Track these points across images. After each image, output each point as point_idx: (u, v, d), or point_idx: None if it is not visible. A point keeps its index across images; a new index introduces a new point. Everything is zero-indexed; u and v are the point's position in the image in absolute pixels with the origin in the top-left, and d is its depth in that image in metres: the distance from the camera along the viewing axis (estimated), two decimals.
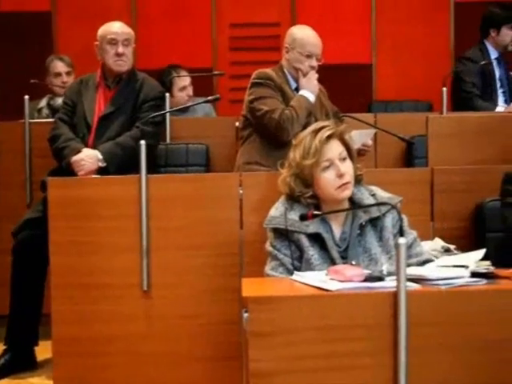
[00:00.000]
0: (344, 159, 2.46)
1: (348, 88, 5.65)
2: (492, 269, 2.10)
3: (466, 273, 2.03)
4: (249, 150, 3.55)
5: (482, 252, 2.17)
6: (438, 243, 2.73)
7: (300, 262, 2.41)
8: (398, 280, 1.80)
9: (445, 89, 4.12)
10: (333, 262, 2.36)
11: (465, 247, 2.67)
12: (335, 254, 2.39)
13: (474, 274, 2.04)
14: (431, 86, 4.86)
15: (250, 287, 2.01)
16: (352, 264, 2.37)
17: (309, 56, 3.59)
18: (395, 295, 1.81)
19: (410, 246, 2.45)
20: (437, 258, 2.52)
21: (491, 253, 2.71)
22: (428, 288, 1.93)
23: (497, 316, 1.88)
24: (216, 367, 2.82)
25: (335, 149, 2.46)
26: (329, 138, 2.45)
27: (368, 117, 4.12)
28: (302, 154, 2.46)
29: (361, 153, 3.68)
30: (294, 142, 2.54)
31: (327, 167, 2.43)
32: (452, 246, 2.74)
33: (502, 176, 2.46)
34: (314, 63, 3.59)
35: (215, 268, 2.85)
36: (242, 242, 2.85)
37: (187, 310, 2.85)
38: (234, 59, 5.78)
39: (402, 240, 1.80)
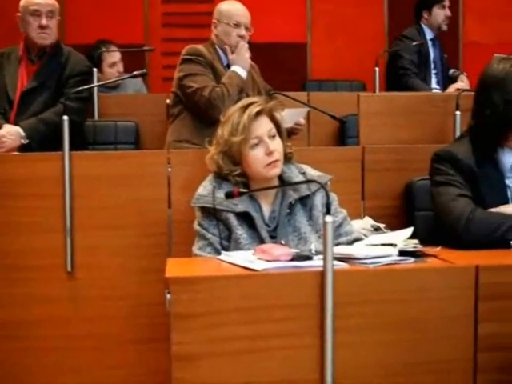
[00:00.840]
0: (273, 136, 2.40)
1: (283, 67, 5.61)
2: (420, 247, 2.09)
3: (393, 251, 2.01)
4: (179, 127, 3.46)
5: (409, 230, 2.16)
6: (368, 222, 2.72)
7: (228, 242, 2.35)
8: (324, 259, 1.76)
9: (377, 68, 4.11)
10: (262, 242, 2.31)
11: (395, 226, 2.66)
12: (264, 233, 2.35)
13: (401, 253, 2.02)
14: (365, 65, 4.84)
15: (175, 268, 1.94)
16: (281, 243, 2.33)
17: (236, 25, 3.52)
18: (322, 274, 1.77)
19: (339, 225, 2.43)
20: (366, 236, 2.51)
21: (420, 231, 2.74)
22: (356, 267, 1.89)
23: (423, 294, 1.86)
24: (143, 349, 2.75)
25: (264, 126, 2.40)
26: (258, 114, 2.39)
27: (301, 95, 4.08)
28: (230, 130, 2.39)
29: (294, 131, 3.65)
30: (222, 118, 2.47)
31: (256, 144, 2.37)
32: (382, 225, 2.73)
33: (432, 155, 2.44)
34: (243, 32, 3.53)
35: (143, 248, 2.77)
36: (170, 221, 2.78)
37: (114, 292, 2.77)
38: (167, 36, 5.65)
39: (328, 218, 1.76)
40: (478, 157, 2.37)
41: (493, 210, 2.28)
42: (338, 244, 2.40)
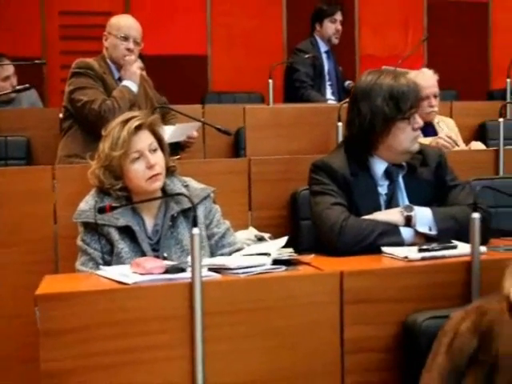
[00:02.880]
0: (154, 150, 2.43)
1: (183, 79, 5.64)
2: (294, 255, 2.15)
3: (267, 260, 2.06)
4: (69, 142, 3.43)
5: (284, 239, 2.22)
6: (252, 232, 2.78)
7: (111, 256, 2.35)
8: (192, 271, 1.80)
9: (271, 81, 4.20)
10: (143, 255, 2.33)
11: (282, 235, 2.70)
12: (146, 246, 2.36)
13: (276, 261, 2.08)
14: (264, 78, 4.93)
15: (48, 284, 1.94)
16: (164, 256, 2.36)
17: (125, 38, 3.52)
18: (190, 286, 1.80)
19: (222, 236, 2.48)
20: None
21: (305, 239, 2.83)
22: (227, 277, 1.94)
23: (291, 301, 1.92)
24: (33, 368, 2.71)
25: (145, 140, 2.42)
26: (138, 128, 2.41)
27: (197, 108, 4.12)
28: (110, 145, 2.40)
29: (187, 145, 3.69)
30: (103, 132, 2.48)
31: (137, 158, 2.39)
32: (266, 235, 2.80)
33: (310, 166, 2.53)
34: (131, 46, 3.52)
35: (28, 265, 2.72)
36: (56, 237, 2.75)
37: (4, 311, 2.72)
38: (65, 48, 5.58)
39: (195, 231, 1.80)
40: (352, 166, 2.46)
41: (366, 217, 2.37)
42: (221, 255, 2.47)
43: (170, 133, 3.29)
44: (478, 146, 3.81)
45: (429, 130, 3.98)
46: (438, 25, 6.53)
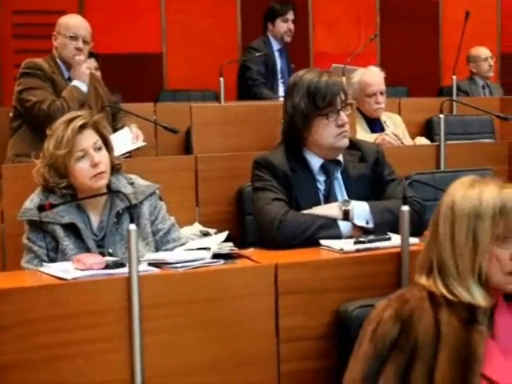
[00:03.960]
0: (99, 149, 2.47)
1: (139, 77, 5.67)
2: (235, 249, 2.22)
3: (207, 255, 2.12)
4: (18, 142, 3.46)
5: (224, 234, 2.29)
6: (197, 228, 2.84)
7: (56, 253, 2.39)
8: (129, 265, 1.85)
9: (222, 79, 4.27)
10: (88, 251, 2.37)
11: (229, 230, 2.78)
12: (91, 243, 2.41)
13: (216, 255, 2.14)
14: (218, 75, 5.00)
15: None
16: (109, 252, 2.41)
17: (73, 38, 3.54)
18: (128, 280, 1.86)
19: (167, 232, 2.54)
20: None
21: (250, 234, 2.90)
22: (165, 271, 2.00)
23: (228, 293, 1.99)
24: None
25: (89, 138, 2.46)
26: (82, 127, 2.45)
27: (148, 106, 4.17)
28: (55, 144, 2.44)
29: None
30: (48, 132, 2.52)
31: (81, 157, 2.43)
32: (212, 230, 2.87)
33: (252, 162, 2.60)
34: (80, 45, 3.55)
35: None
36: (3, 235, 2.78)
37: None
38: (18, 47, 5.56)
39: (132, 227, 1.86)
40: (292, 162, 2.54)
41: (305, 211, 2.45)
42: (166, 250, 2.52)
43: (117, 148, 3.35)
44: (422, 141, 3.93)
45: (376, 126, 4.09)
46: (390, 23, 6.66)
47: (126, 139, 3.49)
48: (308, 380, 2.06)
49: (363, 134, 3.84)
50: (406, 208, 2.12)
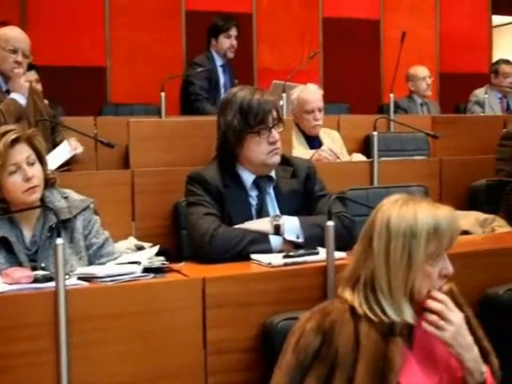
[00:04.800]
0: (32, 164, 2.48)
1: (82, 91, 5.66)
2: (166, 263, 2.25)
3: (137, 268, 2.15)
4: None
5: (155, 248, 2.32)
6: (132, 242, 2.86)
7: None
8: (56, 279, 1.87)
9: (163, 94, 4.30)
10: (20, 266, 2.37)
11: (165, 244, 2.82)
12: (23, 257, 2.41)
13: (146, 270, 2.17)
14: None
15: None
16: (42, 267, 2.41)
17: (13, 51, 3.54)
18: (55, 294, 1.88)
19: (101, 246, 2.55)
20: None
21: (186, 248, 2.93)
22: (94, 285, 2.02)
23: (156, 306, 2.02)
24: None
25: (22, 153, 2.46)
26: (15, 141, 2.45)
27: (89, 120, 4.17)
28: None
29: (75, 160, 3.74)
30: None
31: (14, 171, 2.43)
32: (147, 244, 2.89)
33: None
34: (20, 58, 3.55)
35: None
36: None
37: None
38: None
39: (59, 241, 1.88)
40: (225, 178, 2.59)
41: (237, 226, 2.50)
42: (99, 264, 2.54)
43: (55, 160, 3.36)
44: (358, 157, 4.03)
45: (315, 142, 4.19)
46: (333, 40, 6.81)
47: (63, 152, 3.49)
48: None
49: (302, 150, 3.92)
50: (330, 223, 2.19)
